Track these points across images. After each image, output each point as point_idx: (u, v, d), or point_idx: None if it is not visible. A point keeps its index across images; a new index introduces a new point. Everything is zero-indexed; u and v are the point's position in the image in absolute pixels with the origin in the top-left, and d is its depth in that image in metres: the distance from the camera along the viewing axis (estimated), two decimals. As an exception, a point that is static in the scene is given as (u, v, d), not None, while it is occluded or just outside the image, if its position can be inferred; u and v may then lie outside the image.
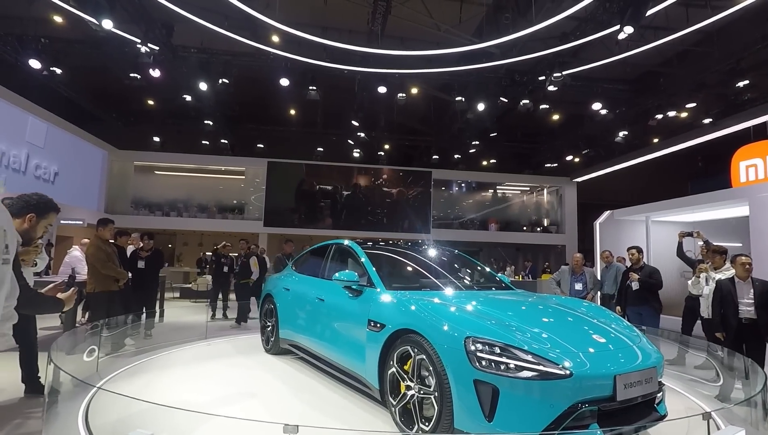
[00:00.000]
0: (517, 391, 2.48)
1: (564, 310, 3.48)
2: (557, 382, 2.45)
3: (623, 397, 2.54)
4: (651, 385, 2.70)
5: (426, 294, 3.60)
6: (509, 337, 2.68)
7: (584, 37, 9.26)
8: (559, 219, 20.80)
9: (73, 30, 10.70)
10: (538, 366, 2.49)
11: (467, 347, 2.62)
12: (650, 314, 5.97)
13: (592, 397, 2.49)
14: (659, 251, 9.64)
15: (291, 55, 10.73)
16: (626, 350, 2.87)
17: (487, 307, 3.23)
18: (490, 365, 2.54)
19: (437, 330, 2.88)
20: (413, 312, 3.18)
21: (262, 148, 19.21)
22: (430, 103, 16.25)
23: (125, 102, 16.24)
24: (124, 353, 5.49)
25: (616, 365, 2.66)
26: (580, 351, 2.70)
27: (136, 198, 18.69)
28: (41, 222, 2.40)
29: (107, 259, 5.59)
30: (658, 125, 14.00)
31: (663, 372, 2.99)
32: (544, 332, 2.86)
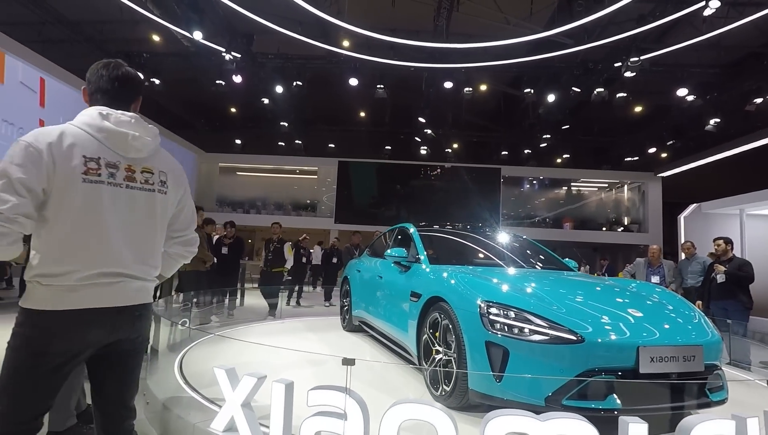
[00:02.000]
0: (526, 354, 2.50)
1: (613, 288, 3.41)
2: (567, 347, 2.43)
3: (648, 371, 2.41)
4: (692, 363, 2.51)
5: (464, 268, 3.67)
6: (524, 302, 2.70)
7: (663, 17, 8.64)
8: (642, 217, 19.39)
9: (168, 45, 12.01)
10: (549, 330, 2.49)
11: (481, 311, 2.70)
12: (738, 309, 5.49)
13: (610, 366, 2.42)
14: (755, 248, 8.74)
15: (360, 56, 11.16)
16: (664, 325, 2.71)
17: (520, 280, 3.26)
18: (503, 328, 2.58)
19: (458, 295, 3.00)
20: (443, 280, 3.31)
21: (333, 148, 20.04)
22: (499, 100, 15.97)
23: (211, 110, 17.80)
24: (210, 327, 6.12)
25: (643, 337, 2.52)
26: (603, 320, 2.61)
27: (220, 196, 20.38)
28: None
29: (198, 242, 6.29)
30: (761, 110, 12.56)
31: (720, 356, 2.78)
32: (569, 301, 2.83)
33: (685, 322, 2.82)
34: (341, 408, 1.92)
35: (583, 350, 2.43)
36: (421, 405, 1.89)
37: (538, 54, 11.05)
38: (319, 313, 8.36)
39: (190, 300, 5.82)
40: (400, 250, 4.20)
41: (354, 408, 1.91)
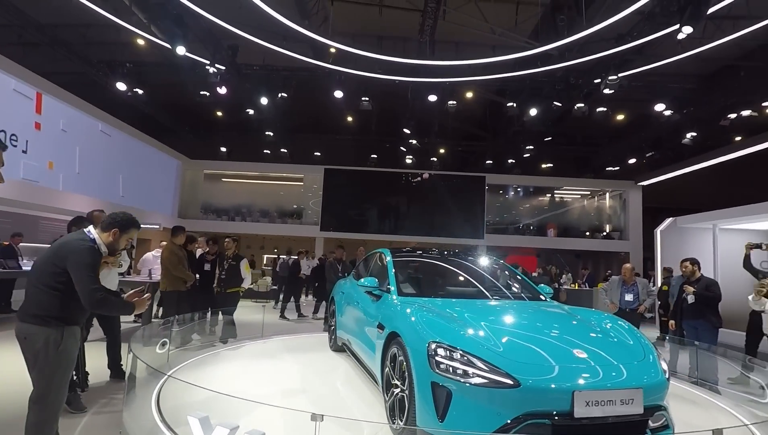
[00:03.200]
0: (467, 396, 2.58)
1: (569, 324, 3.49)
2: (504, 391, 2.52)
3: (583, 414, 2.47)
4: (630, 407, 2.57)
5: (429, 301, 3.77)
6: (470, 344, 2.78)
7: (641, 37, 8.89)
8: (623, 225, 19.78)
9: (153, 54, 11.93)
10: (489, 374, 2.58)
11: (429, 351, 2.79)
12: (707, 329, 5.70)
13: (545, 410, 2.49)
14: (728, 262, 9.02)
15: (345, 69, 11.23)
16: (604, 367, 2.75)
17: (476, 316, 3.33)
18: (448, 370, 2.67)
19: (413, 333, 3.10)
20: (405, 316, 3.41)
21: (319, 155, 20.04)
22: (485, 107, 16.16)
23: (196, 116, 17.67)
24: (190, 347, 6.12)
25: (578, 381, 2.59)
26: (544, 363, 2.69)
27: (205, 203, 20.24)
28: (123, 236, 2.88)
29: (178, 262, 6.31)
30: (738, 123, 12.95)
31: (665, 397, 2.84)
32: (519, 341, 2.93)
33: (629, 364, 2.85)
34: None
35: (519, 395, 2.51)
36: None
37: (522, 69, 11.26)
38: (304, 330, 8.41)
39: (171, 321, 5.82)
40: (371, 279, 4.33)
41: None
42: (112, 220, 2.84)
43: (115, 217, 2.86)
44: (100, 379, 4.57)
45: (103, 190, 13.16)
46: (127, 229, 2.88)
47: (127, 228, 2.87)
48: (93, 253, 2.66)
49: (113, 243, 2.81)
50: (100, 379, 4.56)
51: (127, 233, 2.89)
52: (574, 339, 3.07)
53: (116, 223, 2.82)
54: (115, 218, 2.86)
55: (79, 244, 2.66)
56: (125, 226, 2.86)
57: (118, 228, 2.82)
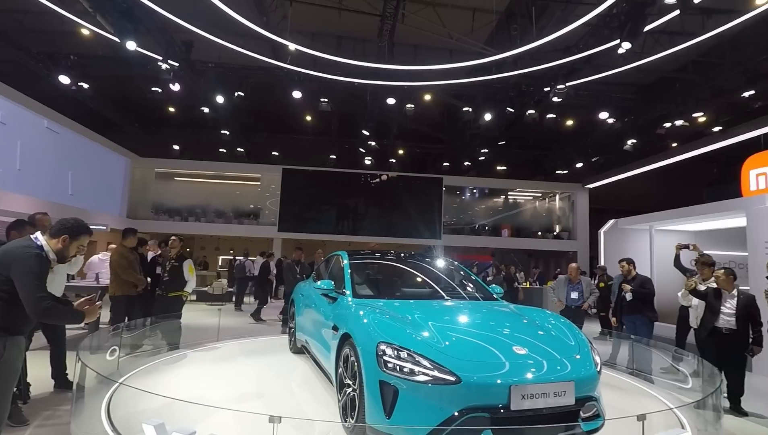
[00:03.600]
0: (412, 393, 2.73)
1: (512, 322, 3.70)
2: (447, 387, 2.68)
3: (519, 407, 2.65)
4: (563, 398, 2.76)
5: (383, 303, 3.90)
6: (416, 344, 2.93)
7: (586, 50, 9.44)
8: (571, 225, 20.79)
9: (99, 45, 11.34)
10: (433, 371, 2.73)
11: (378, 351, 2.93)
12: (643, 323, 6.16)
13: (485, 404, 2.65)
14: (663, 260, 9.73)
15: (303, 70, 11.17)
16: (540, 362, 2.93)
17: (426, 316, 3.48)
18: (395, 368, 2.81)
19: (364, 334, 3.22)
20: (358, 318, 3.51)
21: (277, 155, 19.75)
22: (443, 110, 16.52)
23: (147, 112, 16.96)
24: (142, 353, 5.92)
25: (515, 376, 2.76)
26: (485, 360, 2.88)
27: (156, 203, 19.43)
28: (73, 243, 2.77)
29: (128, 265, 6.08)
30: (671, 132, 13.98)
31: (596, 388, 3.04)
32: (463, 339, 3.10)
33: (563, 359, 3.04)
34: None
35: (461, 390, 2.67)
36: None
37: (477, 75, 11.63)
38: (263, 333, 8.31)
39: (120, 326, 5.61)
40: (328, 282, 4.42)
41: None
42: (62, 226, 2.74)
43: (65, 222, 2.76)
44: (44, 390, 4.36)
45: (46, 189, 12.36)
46: (78, 235, 2.78)
47: (77, 234, 2.78)
48: (40, 261, 2.56)
49: (62, 250, 2.71)
50: (43, 390, 4.34)
51: (78, 240, 2.79)
52: (516, 336, 3.26)
53: (66, 229, 2.73)
54: (65, 224, 2.75)
55: (25, 251, 2.55)
56: (76, 232, 2.77)
57: (68, 234, 2.72)
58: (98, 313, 2.82)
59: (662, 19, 8.33)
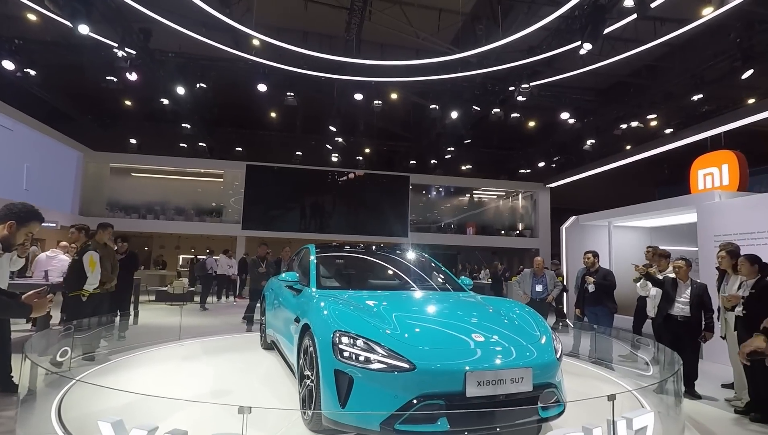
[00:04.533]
0: (367, 381, 2.70)
1: (473, 311, 3.68)
2: (401, 375, 2.64)
3: (475, 394, 2.62)
4: (520, 385, 2.74)
5: (346, 294, 3.83)
6: (372, 332, 2.88)
7: (549, 51, 9.71)
8: (534, 223, 21.40)
9: (49, 31, 10.66)
10: (388, 359, 2.69)
11: (334, 340, 2.87)
12: (605, 314, 6.38)
13: (440, 391, 2.62)
14: (620, 254, 10.16)
15: (269, 62, 10.91)
16: (498, 350, 2.90)
17: (388, 306, 3.43)
18: (351, 357, 2.76)
19: (321, 323, 3.15)
20: (319, 308, 3.42)
21: (241, 151, 19.25)
22: (409, 109, 16.59)
23: (101, 103, 16.11)
24: (96, 354, 5.59)
25: (471, 363, 2.72)
26: (441, 347, 2.85)
27: (111, 200, 18.52)
28: (21, 229, 2.56)
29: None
30: (627, 134, 14.64)
31: (555, 375, 3.01)
32: (421, 328, 3.08)
33: (522, 346, 3.00)
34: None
35: (415, 377, 2.63)
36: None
37: (444, 72, 11.73)
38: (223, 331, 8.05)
39: (71, 326, 5.26)
40: (292, 274, 4.34)
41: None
42: (8, 211, 2.52)
43: (12, 207, 2.55)
44: (-15, 395, 4.02)
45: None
46: (26, 221, 2.57)
47: (26, 221, 2.57)
48: None
49: (8, 237, 2.50)
50: (-16, 394, 4.01)
51: (26, 226, 2.58)
52: (476, 325, 3.23)
53: (13, 215, 2.51)
54: (11, 209, 2.54)
55: None
56: (24, 218, 2.56)
57: (15, 220, 2.51)
58: (48, 307, 2.59)
59: (621, 22, 8.68)
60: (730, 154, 9.33)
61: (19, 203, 2.59)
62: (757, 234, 6.62)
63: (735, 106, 12.96)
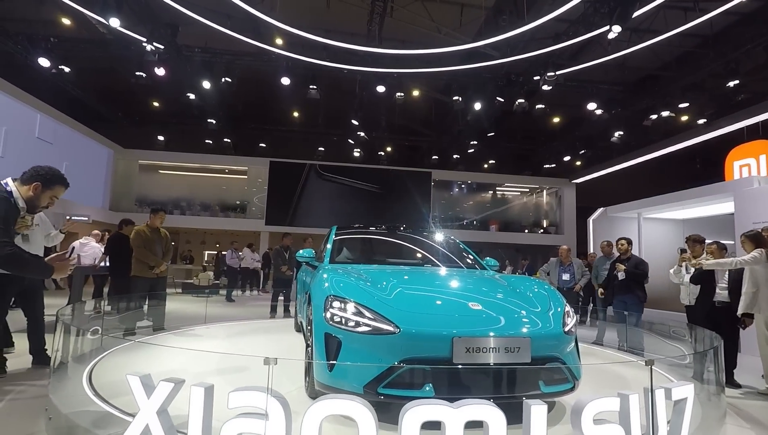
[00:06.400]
0: (353, 344, 2.64)
1: (479, 284, 3.53)
2: (386, 337, 2.56)
3: (462, 361, 2.49)
4: (516, 355, 2.57)
5: (354, 267, 3.79)
6: (362, 296, 2.82)
7: (576, 37, 9.47)
8: (558, 220, 20.96)
9: (81, 30, 11.04)
10: (373, 322, 2.63)
11: (325, 304, 2.83)
12: (634, 303, 6.15)
13: (425, 356, 2.52)
14: (650, 246, 9.83)
15: (292, 55, 11.01)
16: (493, 317, 2.77)
17: (392, 277, 3.35)
18: (340, 321, 2.71)
19: (318, 290, 3.12)
20: (319, 279, 3.37)
21: (265, 147, 19.51)
22: (431, 105, 16.48)
23: (131, 102, 16.59)
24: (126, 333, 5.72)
25: (460, 328, 2.59)
26: (429, 312, 2.76)
27: (140, 196, 19.04)
28: (46, 192, 2.61)
29: (143, 244, 5.78)
30: (655, 126, 14.17)
31: (564, 349, 2.81)
32: (409, 296, 2.97)
33: (524, 315, 2.85)
34: (263, 409, 1.92)
35: (399, 340, 2.55)
36: (341, 400, 1.94)
37: (467, 63, 11.60)
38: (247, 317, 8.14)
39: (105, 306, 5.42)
40: (309, 250, 4.45)
41: (276, 407, 1.91)
42: (35, 173, 2.58)
43: (39, 169, 2.60)
44: (21, 366, 4.15)
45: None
46: (52, 184, 2.62)
47: (51, 184, 2.62)
48: (7, 206, 2.39)
49: (33, 198, 2.55)
50: (21, 366, 4.14)
51: (51, 190, 2.63)
52: (478, 294, 3.12)
53: (39, 177, 2.57)
54: (38, 171, 2.60)
55: None
56: (49, 181, 2.61)
57: (41, 182, 2.56)
58: (69, 269, 2.59)
59: (651, 4, 8.37)
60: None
61: (46, 166, 2.65)
62: (800, 221, 6.29)
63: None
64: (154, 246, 5.86)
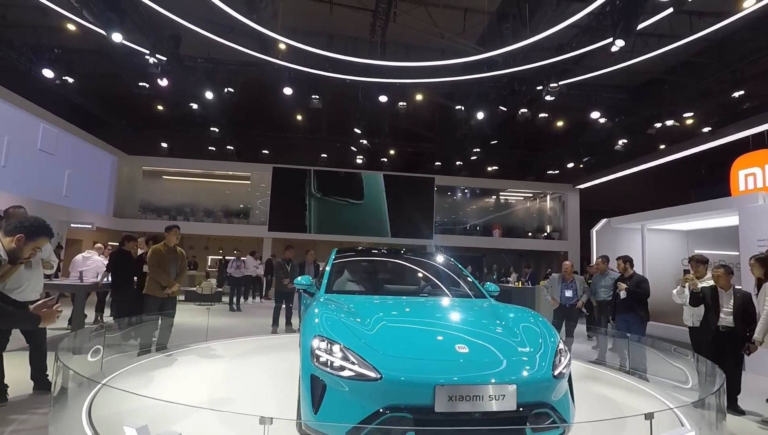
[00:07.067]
0: (338, 388, 2.60)
1: (470, 319, 3.47)
2: (369, 384, 2.54)
3: (444, 409, 2.45)
4: (501, 402, 2.52)
5: (350, 298, 3.77)
6: (349, 339, 2.78)
7: (579, 48, 9.43)
8: (562, 225, 20.88)
9: (85, 40, 11.09)
10: (358, 367, 2.60)
11: (312, 345, 2.79)
12: (636, 322, 6.12)
13: (408, 403, 2.49)
14: (654, 258, 9.77)
15: (294, 66, 11.02)
16: (478, 363, 2.72)
17: (382, 312, 3.31)
18: (326, 363, 2.69)
19: (306, 328, 3.11)
20: (310, 314, 3.34)
21: (267, 154, 19.53)
22: (434, 110, 16.46)
23: (134, 109, 16.66)
24: (127, 354, 5.72)
25: (443, 375, 2.56)
26: (414, 357, 2.70)
27: (144, 202, 19.12)
28: (29, 244, 2.58)
29: (157, 264, 5.80)
30: (660, 133, 14.09)
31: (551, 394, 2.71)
32: (396, 338, 2.90)
33: (512, 360, 2.78)
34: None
35: (381, 387, 2.51)
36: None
37: (470, 73, 11.57)
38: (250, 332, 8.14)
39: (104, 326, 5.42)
40: (307, 277, 4.41)
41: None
42: (19, 225, 2.55)
43: (23, 221, 2.59)
44: (23, 393, 4.17)
45: (31, 187, 12.05)
46: (35, 236, 2.60)
47: (35, 235, 2.59)
48: None
49: (16, 250, 2.52)
50: (22, 393, 4.15)
51: (35, 241, 2.61)
52: (467, 335, 3.06)
53: (23, 229, 2.54)
54: (22, 223, 2.58)
55: None
56: (33, 232, 2.58)
57: (24, 234, 2.54)
58: (56, 317, 2.49)
59: (655, 18, 8.33)
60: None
61: (31, 217, 2.65)
62: (805, 239, 6.23)
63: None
64: (168, 265, 5.89)
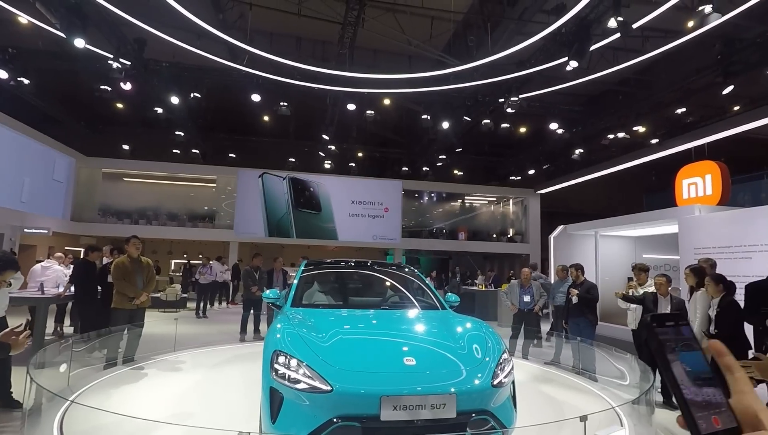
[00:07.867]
0: (294, 400, 2.85)
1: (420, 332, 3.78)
2: (321, 396, 2.78)
3: (389, 418, 2.68)
4: (442, 411, 2.76)
5: (313, 312, 4.03)
6: (304, 353, 3.03)
7: (538, 65, 9.96)
8: (524, 229, 21.68)
9: (42, 38, 10.70)
10: (311, 380, 2.84)
11: (272, 359, 3.04)
12: (586, 325, 6.62)
13: (356, 413, 2.72)
14: (606, 263, 10.43)
15: (262, 73, 11.05)
16: (422, 374, 2.96)
17: (338, 326, 3.59)
18: (283, 376, 2.92)
19: (268, 342, 3.34)
20: (272, 329, 3.60)
21: (234, 157, 19.30)
22: (402, 114, 16.78)
23: (94, 109, 16.11)
24: (95, 367, 5.69)
25: (388, 386, 2.80)
26: (363, 370, 2.95)
27: (103, 205, 18.49)
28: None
29: (122, 277, 5.78)
30: (615, 142, 14.97)
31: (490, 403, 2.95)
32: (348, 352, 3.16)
33: (455, 371, 3.01)
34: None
35: (333, 398, 2.75)
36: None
37: (435, 84, 11.94)
38: (218, 341, 8.16)
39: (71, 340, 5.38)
40: (274, 291, 4.62)
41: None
42: None
43: None
44: (-14, 410, 4.13)
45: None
46: (2, 270, 2.71)
47: (2, 269, 2.70)
48: None
49: None
50: (-15, 410, 4.12)
51: (2, 275, 2.72)
52: (416, 347, 3.38)
53: None
54: None
55: None
56: (0, 267, 2.70)
57: None
58: (26, 344, 2.45)
59: (605, 41, 8.94)
60: (713, 165, 9.65)
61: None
62: (734, 248, 6.89)
63: (718, 118, 13.32)
64: (134, 277, 5.87)
